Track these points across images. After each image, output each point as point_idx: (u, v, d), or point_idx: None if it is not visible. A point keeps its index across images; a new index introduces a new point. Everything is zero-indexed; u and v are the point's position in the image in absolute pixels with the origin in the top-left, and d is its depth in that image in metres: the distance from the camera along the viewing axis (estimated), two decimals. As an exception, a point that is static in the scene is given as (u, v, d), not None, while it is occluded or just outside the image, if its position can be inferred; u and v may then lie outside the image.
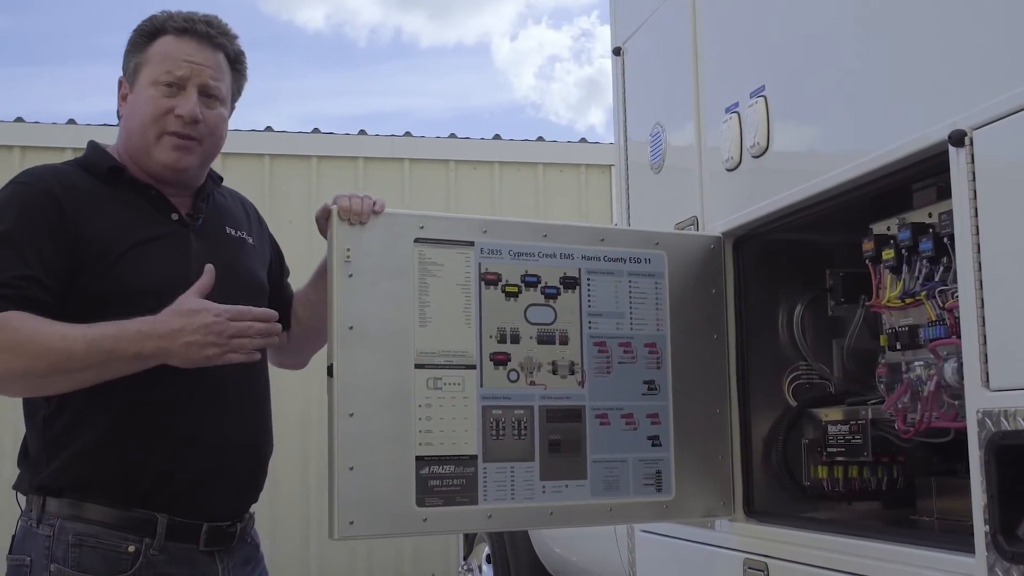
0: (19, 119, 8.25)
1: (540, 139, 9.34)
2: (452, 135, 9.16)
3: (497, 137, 9.27)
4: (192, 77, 2.20)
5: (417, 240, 2.32)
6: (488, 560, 5.95)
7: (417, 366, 2.28)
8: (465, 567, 6.18)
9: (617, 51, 3.42)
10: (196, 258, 2.18)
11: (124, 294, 2.08)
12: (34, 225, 2.07)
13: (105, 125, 7.55)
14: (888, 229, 2.37)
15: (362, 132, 8.84)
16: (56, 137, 7.91)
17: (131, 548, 2.04)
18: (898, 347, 2.32)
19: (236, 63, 2.31)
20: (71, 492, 2.06)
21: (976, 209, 1.82)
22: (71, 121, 8.23)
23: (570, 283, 2.47)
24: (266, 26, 43.88)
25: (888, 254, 2.31)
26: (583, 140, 9.46)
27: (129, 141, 2.23)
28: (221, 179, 2.41)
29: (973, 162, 1.83)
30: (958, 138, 1.85)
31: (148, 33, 2.24)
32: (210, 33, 2.24)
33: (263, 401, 2.31)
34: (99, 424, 2.07)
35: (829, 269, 2.80)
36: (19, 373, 2.00)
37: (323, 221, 2.27)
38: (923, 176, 2.15)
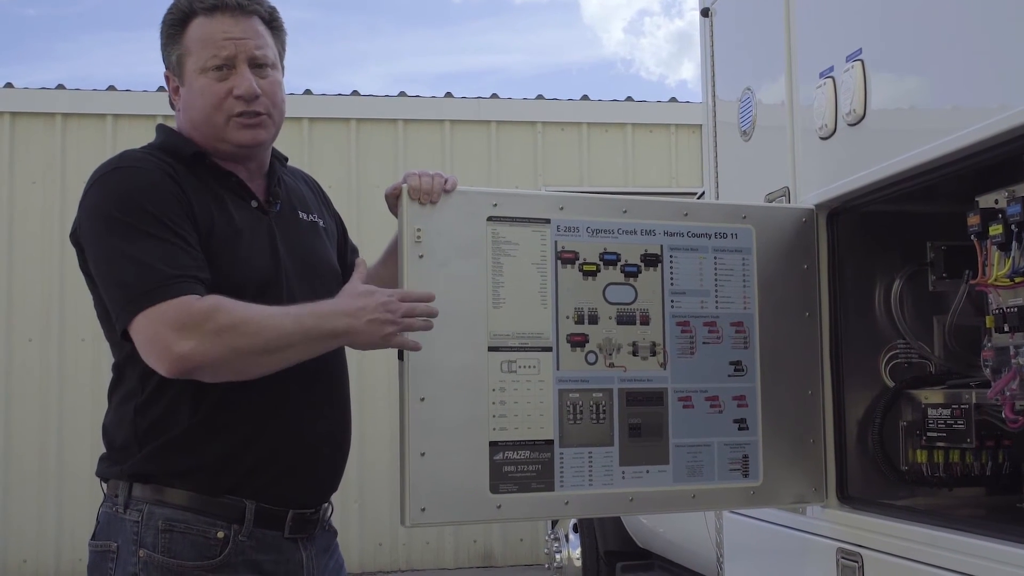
0: (111, 87, 8.38)
1: (629, 99, 9.19)
2: (539, 96, 9.04)
3: (585, 98, 9.13)
4: (238, 54, 2.12)
5: (490, 219, 2.23)
6: (575, 529, 5.93)
7: (491, 349, 2.21)
8: (552, 535, 6.17)
9: (705, 12, 3.27)
10: (281, 248, 2.14)
11: (227, 287, 2.02)
12: (172, 205, 2.02)
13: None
14: (996, 202, 2.20)
15: (448, 95, 8.77)
16: (144, 104, 8.06)
17: (220, 534, 2.01)
18: (1006, 329, 2.16)
19: (272, 22, 2.21)
20: (160, 478, 2.03)
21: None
22: (161, 89, 8.32)
23: (652, 260, 2.36)
24: (364, -14, 43.98)
25: (996, 229, 2.15)
26: (673, 99, 9.29)
27: (197, 131, 2.15)
28: (287, 159, 2.35)
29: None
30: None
31: (178, 21, 2.16)
32: (240, 3, 2.15)
33: (347, 391, 2.27)
34: (198, 414, 2.03)
35: (930, 242, 2.65)
36: (242, 351, 1.96)
37: (393, 200, 2.20)
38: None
